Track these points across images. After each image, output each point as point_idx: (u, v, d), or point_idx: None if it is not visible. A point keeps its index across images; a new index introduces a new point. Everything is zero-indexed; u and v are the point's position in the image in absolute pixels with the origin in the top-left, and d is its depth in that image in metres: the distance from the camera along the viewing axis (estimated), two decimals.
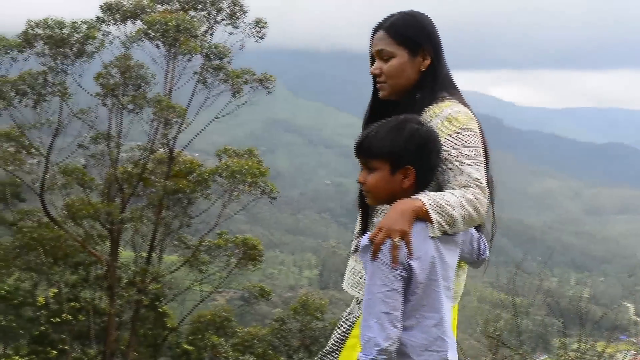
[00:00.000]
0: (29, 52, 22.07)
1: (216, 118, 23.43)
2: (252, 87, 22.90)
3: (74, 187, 23.54)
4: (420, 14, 3.12)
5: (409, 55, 3.11)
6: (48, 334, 25.01)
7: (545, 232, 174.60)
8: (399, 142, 2.77)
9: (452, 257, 2.88)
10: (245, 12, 22.99)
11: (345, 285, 3.66)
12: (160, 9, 22.86)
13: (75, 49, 22.24)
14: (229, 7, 22.97)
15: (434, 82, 3.15)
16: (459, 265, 3.09)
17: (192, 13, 23.10)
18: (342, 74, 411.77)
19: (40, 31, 22.04)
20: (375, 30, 3.21)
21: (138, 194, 23.55)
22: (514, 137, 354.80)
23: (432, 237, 2.72)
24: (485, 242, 3.16)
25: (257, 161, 23.41)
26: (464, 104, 3.17)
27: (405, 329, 2.71)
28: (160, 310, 24.95)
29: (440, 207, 2.71)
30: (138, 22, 22.52)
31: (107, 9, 22.63)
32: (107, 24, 22.72)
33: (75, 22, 22.26)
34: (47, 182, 22.54)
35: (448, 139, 2.95)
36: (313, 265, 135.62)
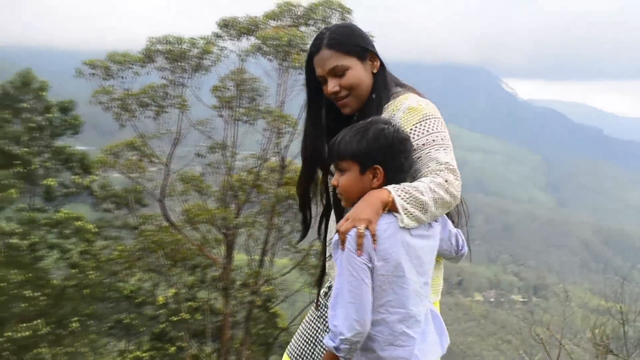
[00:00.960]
0: (151, 66, 22.67)
1: None
2: None
3: (191, 193, 24.04)
4: (351, 23, 3.43)
5: (360, 62, 3.16)
6: (167, 332, 25.65)
7: None
8: (364, 142, 2.84)
9: (428, 253, 2.92)
10: None
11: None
12: (273, 25, 23.08)
13: (193, 63, 22.80)
14: (339, 22, 23.25)
15: (386, 81, 3.23)
16: (436, 260, 3.14)
17: (302, 28, 23.04)
18: (442, 84, 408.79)
19: (160, 47, 22.64)
20: (314, 53, 3.21)
21: (252, 201, 23.80)
22: (615, 147, 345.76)
23: (403, 229, 2.74)
24: (463, 238, 3.25)
25: None
26: (418, 93, 3.27)
27: (372, 323, 2.75)
28: (272, 310, 25.31)
29: (407, 194, 2.74)
30: (252, 37, 22.86)
31: (224, 25, 23.10)
32: (223, 40, 23.16)
33: (193, 38, 22.88)
34: (167, 189, 23.13)
35: (413, 129, 2.99)
36: None
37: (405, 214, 2.71)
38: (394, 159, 2.86)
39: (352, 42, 3.15)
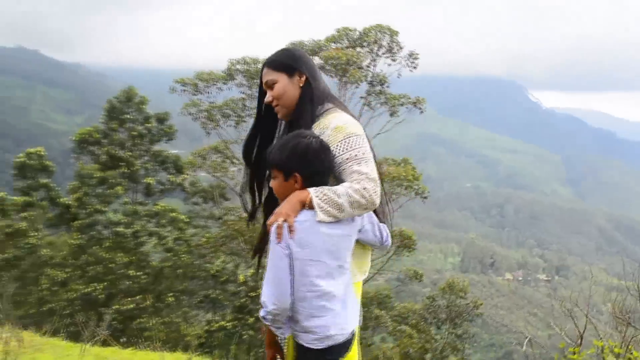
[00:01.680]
0: (231, 83, 23.06)
1: (378, 134, 23.23)
2: (407, 109, 22.86)
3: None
4: (293, 47, 3.52)
5: (288, 77, 3.27)
6: (247, 305, 25.84)
7: None
8: (283, 154, 2.96)
9: (346, 241, 3.00)
10: (401, 47, 22.96)
11: None
12: (333, 47, 23.09)
13: None
14: (388, 43, 22.95)
15: (312, 94, 3.28)
16: (364, 248, 3.28)
17: (358, 49, 23.03)
18: (479, 96, 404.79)
19: (239, 67, 22.96)
20: (261, 70, 3.36)
21: None
22: (626, 148, 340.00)
23: (321, 222, 2.86)
24: (388, 231, 3.28)
25: (412, 168, 23.17)
26: (346, 111, 3.37)
27: (296, 299, 2.89)
28: None
29: (326, 196, 2.87)
30: (316, 57, 22.71)
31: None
32: None
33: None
34: (246, 185, 23.40)
35: (338, 146, 3.06)
36: (455, 253, 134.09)
37: (321, 211, 2.85)
38: (310, 166, 2.95)
39: (282, 60, 3.30)
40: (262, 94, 3.43)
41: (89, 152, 27.33)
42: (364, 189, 2.92)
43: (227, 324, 25.07)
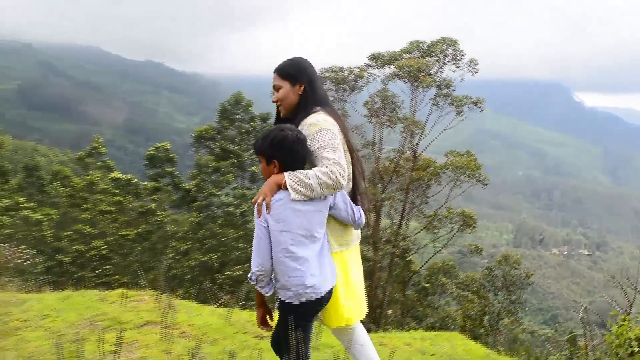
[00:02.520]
0: None
1: (445, 129, 23.08)
2: (469, 108, 22.67)
3: None
4: (299, 57, 3.47)
5: (290, 85, 3.35)
6: None
7: None
8: (264, 143, 3.07)
9: (318, 216, 3.07)
10: (464, 55, 22.72)
11: None
12: (406, 57, 23.03)
13: (351, 85, 23.09)
14: (452, 53, 22.80)
15: (307, 101, 3.34)
16: (344, 226, 3.33)
17: (427, 58, 22.87)
18: (529, 96, 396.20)
19: (327, 74, 23.05)
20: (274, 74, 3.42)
21: (392, 182, 23.75)
22: None
23: (294, 200, 2.96)
24: (362, 212, 3.34)
25: (473, 159, 23.03)
26: (330, 113, 3.37)
27: (275, 262, 3.00)
28: (407, 259, 25.25)
29: (297, 178, 2.98)
30: (392, 66, 22.85)
31: (372, 58, 23.29)
32: (372, 68, 23.33)
33: (350, 67, 23.15)
34: None
35: (312, 138, 3.13)
36: (509, 231, 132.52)
37: (293, 191, 2.96)
38: (286, 154, 3.04)
39: (287, 70, 3.38)
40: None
41: (205, 146, 27.91)
42: (331, 171, 2.98)
43: None
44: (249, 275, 3.02)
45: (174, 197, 29.92)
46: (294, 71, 3.37)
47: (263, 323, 3.24)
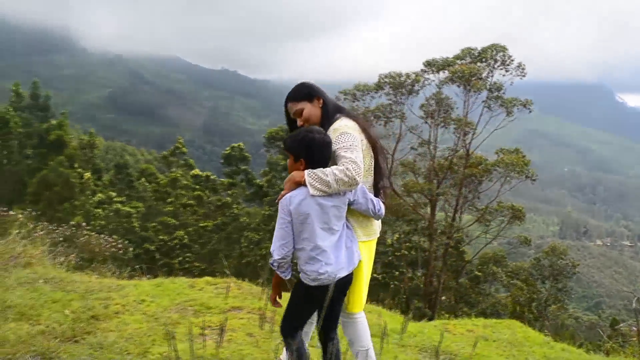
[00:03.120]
0: (381, 92, 22.92)
1: (495, 129, 22.73)
2: (518, 109, 22.41)
3: (408, 173, 24.04)
4: (305, 82, 3.51)
5: (309, 103, 3.40)
6: (393, 262, 25.99)
7: None
8: (294, 143, 3.14)
9: (336, 210, 3.11)
10: (512, 60, 22.40)
11: None
12: (459, 63, 22.85)
13: (408, 89, 22.93)
14: (501, 58, 22.48)
15: (328, 111, 3.40)
16: (367, 217, 3.36)
17: (479, 64, 22.65)
18: (573, 97, 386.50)
19: (386, 79, 22.90)
20: (286, 105, 3.48)
21: (447, 178, 23.53)
22: None
23: (312, 195, 3.01)
24: (381, 204, 3.36)
25: (522, 156, 22.60)
26: (350, 116, 3.44)
27: (297, 249, 3.07)
28: (460, 249, 25.12)
29: (316, 175, 3.01)
30: (446, 71, 22.66)
31: (428, 64, 23.10)
32: (427, 73, 23.09)
33: (408, 73, 22.96)
34: (392, 170, 22.98)
35: (335, 140, 3.17)
36: (555, 223, 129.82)
37: (312, 187, 3.00)
38: (313, 154, 3.10)
39: (302, 92, 3.44)
40: (287, 117, 3.56)
41: (276, 145, 28.14)
42: (347, 169, 3.01)
43: (378, 275, 25.22)
44: (271, 261, 3.09)
45: (247, 192, 30.33)
46: (307, 90, 3.46)
47: (274, 301, 3.28)
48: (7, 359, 3.69)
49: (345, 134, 3.18)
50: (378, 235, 3.54)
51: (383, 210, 3.37)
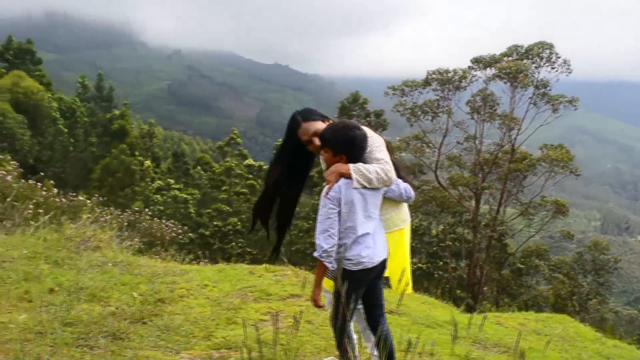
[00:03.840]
0: (428, 88, 22.72)
1: (541, 125, 22.17)
2: (564, 106, 21.97)
3: (454, 167, 23.77)
4: (308, 108, 3.47)
5: (323, 123, 3.40)
6: (437, 252, 25.75)
7: None
8: (333, 137, 3.15)
9: (374, 199, 3.16)
10: (559, 57, 21.94)
11: None
12: (506, 60, 22.53)
13: (455, 85, 22.65)
14: (547, 55, 22.04)
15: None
16: (400, 204, 3.44)
17: (525, 61, 22.25)
18: (616, 95, 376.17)
19: (434, 76, 22.67)
20: (298, 127, 3.42)
21: (492, 172, 23.18)
22: None
23: (355, 188, 3.06)
24: (409, 188, 3.40)
25: (566, 152, 22.24)
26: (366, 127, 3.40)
27: (341, 239, 3.06)
28: (504, 242, 24.71)
29: (360, 171, 3.09)
30: (493, 68, 22.34)
31: (475, 61, 22.77)
32: (475, 70, 22.80)
33: (455, 69, 22.65)
34: (439, 164, 23.04)
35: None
36: (597, 218, 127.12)
37: (355, 180, 3.07)
38: (352, 149, 3.14)
39: (313, 114, 3.47)
40: (288, 139, 3.53)
41: None
42: (386, 170, 3.14)
43: (423, 265, 25.05)
44: (317, 252, 3.05)
45: None
46: (317, 112, 3.52)
47: (316, 300, 3.23)
48: (80, 338, 3.73)
49: (372, 137, 3.28)
50: (410, 220, 3.62)
51: (413, 193, 3.45)
